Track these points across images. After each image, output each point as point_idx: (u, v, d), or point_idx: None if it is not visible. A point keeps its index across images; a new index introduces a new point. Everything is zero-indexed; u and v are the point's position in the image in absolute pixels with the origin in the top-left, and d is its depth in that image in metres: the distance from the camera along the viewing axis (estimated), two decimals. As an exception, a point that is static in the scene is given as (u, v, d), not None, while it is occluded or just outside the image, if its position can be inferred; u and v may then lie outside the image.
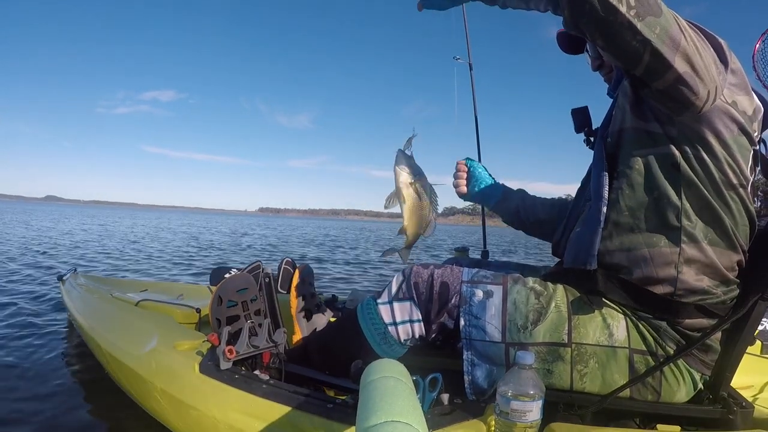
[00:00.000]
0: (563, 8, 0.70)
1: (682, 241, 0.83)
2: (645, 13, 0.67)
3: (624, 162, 0.88)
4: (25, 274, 3.97)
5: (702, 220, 0.83)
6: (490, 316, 0.90)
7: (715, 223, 0.83)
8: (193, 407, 1.01)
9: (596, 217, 0.88)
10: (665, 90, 0.75)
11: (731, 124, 0.80)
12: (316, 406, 0.90)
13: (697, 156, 0.81)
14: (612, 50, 0.73)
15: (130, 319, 1.57)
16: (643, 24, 0.67)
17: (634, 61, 0.72)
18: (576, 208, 1.07)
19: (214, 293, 1.18)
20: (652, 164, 0.84)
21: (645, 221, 0.86)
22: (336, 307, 1.61)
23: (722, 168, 0.81)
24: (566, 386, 0.87)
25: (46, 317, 2.49)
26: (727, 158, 0.81)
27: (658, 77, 0.73)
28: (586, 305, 0.88)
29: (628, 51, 0.71)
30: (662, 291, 0.85)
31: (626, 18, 0.66)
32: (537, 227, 1.27)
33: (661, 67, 0.71)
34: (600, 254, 0.87)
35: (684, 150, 0.82)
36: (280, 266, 1.45)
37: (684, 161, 0.82)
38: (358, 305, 1.04)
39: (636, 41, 0.69)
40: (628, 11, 0.66)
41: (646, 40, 0.68)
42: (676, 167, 0.82)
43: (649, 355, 0.86)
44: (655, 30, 0.68)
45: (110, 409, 1.43)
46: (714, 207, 0.82)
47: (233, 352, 1.06)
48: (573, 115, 1.11)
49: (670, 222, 0.84)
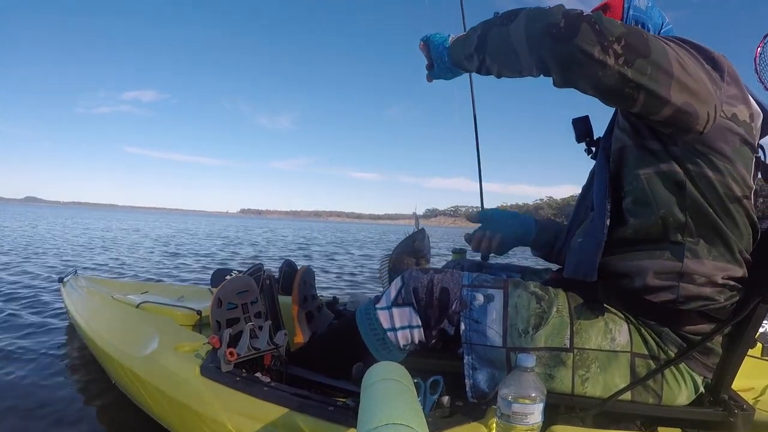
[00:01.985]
0: (553, 71, 0.73)
1: (685, 256, 0.83)
2: (633, 58, 0.68)
3: (628, 179, 0.87)
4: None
5: (705, 237, 0.83)
6: (491, 321, 0.89)
7: (719, 239, 0.83)
8: (193, 409, 1.01)
9: (599, 231, 0.87)
10: (665, 120, 0.75)
11: (733, 137, 0.80)
12: (318, 408, 0.90)
13: (701, 173, 0.81)
14: (606, 99, 0.75)
15: (130, 321, 1.57)
16: (632, 70, 0.68)
17: (629, 103, 0.73)
18: (578, 215, 1.07)
19: (214, 295, 1.18)
20: (656, 182, 0.84)
21: (648, 237, 0.85)
22: (337, 309, 1.61)
23: (726, 182, 0.81)
24: (567, 391, 0.87)
25: (46, 319, 2.49)
26: (731, 172, 0.81)
27: (656, 112, 0.73)
28: (588, 310, 0.88)
29: (621, 97, 0.72)
30: (663, 299, 0.85)
31: (615, 69, 0.68)
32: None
33: (657, 104, 0.71)
34: (601, 265, 0.86)
35: (687, 168, 0.81)
36: (281, 268, 1.46)
37: (688, 180, 0.81)
38: (357, 310, 1.04)
39: (628, 87, 0.70)
40: (615, 62, 0.67)
41: (639, 84, 0.69)
42: (681, 186, 0.82)
43: (651, 359, 0.86)
44: (646, 72, 0.68)
45: (111, 411, 1.43)
46: (718, 224, 0.82)
47: (234, 354, 1.06)
48: (574, 124, 1.10)
49: (673, 238, 0.84)
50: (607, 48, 0.67)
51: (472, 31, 0.88)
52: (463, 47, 0.90)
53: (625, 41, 0.68)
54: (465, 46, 0.89)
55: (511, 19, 0.77)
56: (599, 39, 0.67)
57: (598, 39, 0.67)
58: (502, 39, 0.79)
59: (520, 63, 0.78)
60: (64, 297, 2.17)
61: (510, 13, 0.79)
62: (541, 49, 0.72)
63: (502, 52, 0.81)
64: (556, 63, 0.72)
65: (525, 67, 0.78)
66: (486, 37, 0.83)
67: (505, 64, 0.82)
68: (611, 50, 0.67)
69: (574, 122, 1.10)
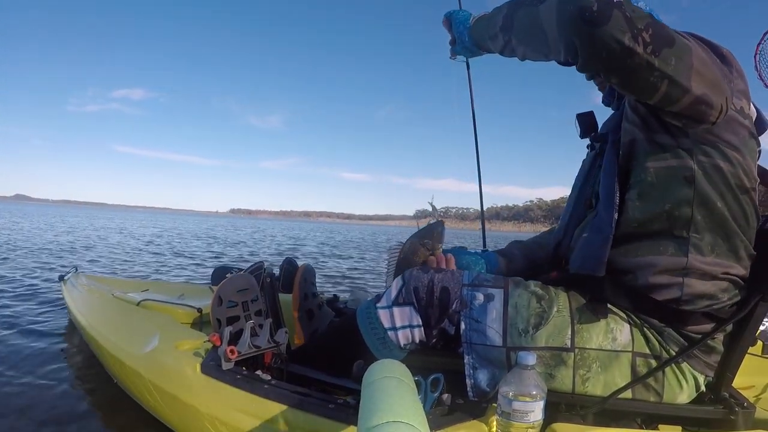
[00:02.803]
0: (581, 56, 0.71)
1: (690, 252, 0.83)
2: (660, 47, 0.67)
3: (637, 173, 0.87)
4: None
5: (710, 233, 0.83)
6: (491, 320, 0.89)
7: (724, 235, 0.83)
8: (194, 407, 1.01)
9: (607, 225, 0.87)
10: (681, 111, 0.75)
11: (742, 129, 0.81)
12: (318, 406, 0.90)
13: (713, 164, 0.81)
14: (627, 87, 0.74)
15: (131, 318, 1.58)
16: (659, 59, 0.67)
17: (649, 93, 0.73)
18: (575, 211, 1.06)
19: (215, 293, 1.18)
20: (665, 177, 0.83)
21: (652, 231, 0.85)
22: (337, 307, 1.61)
23: (737, 173, 0.81)
24: (568, 390, 0.87)
25: (46, 317, 2.49)
26: (742, 163, 0.81)
27: (675, 102, 0.73)
28: (589, 309, 0.87)
29: (644, 86, 0.71)
30: (668, 296, 0.84)
31: (644, 58, 0.67)
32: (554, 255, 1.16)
33: (678, 93, 0.71)
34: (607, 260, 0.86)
35: (699, 160, 0.81)
36: (282, 266, 1.46)
37: (699, 173, 0.81)
38: (357, 308, 1.04)
39: (653, 77, 0.69)
40: (644, 50, 0.67)
41: (664, 74, 0.68)
42: (690, 180, 0.81)
43: (653, 359, 0.86)
44: (671, 62, 0.68)
45: (111, 409, 1.43)
46: (725, 219, 0.82)
47: (235, 352, 1.06)
48: (578, 119, 1.09)
49: (678, 233, 0.83)
50: (637, 36, 0.66)
51: (496, 10, 0.86)
52: (487, 27, 0.88)
53: (653, 30, 0.67)
54: (489, 26, 0.88)
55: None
56: (629, 26, 0.66)
57: (629, 26, 0.66)
58: (531, 20, 0.77)
59: (549, 45, 0.76)
60: (65, 295, 2.17)
61: None
62: (572, 32, 0.70)
63: (530, 33, 0.79)
64: (586, 47, 0.70)
65: (553, 50, 0.76)
66: (513, 18, 0.81)
67: (532, 46, 0.80)
68: (640, 38, 0.66)
69: (579, 117, 1.09)
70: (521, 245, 1.23)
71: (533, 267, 1.19)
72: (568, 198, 1.15)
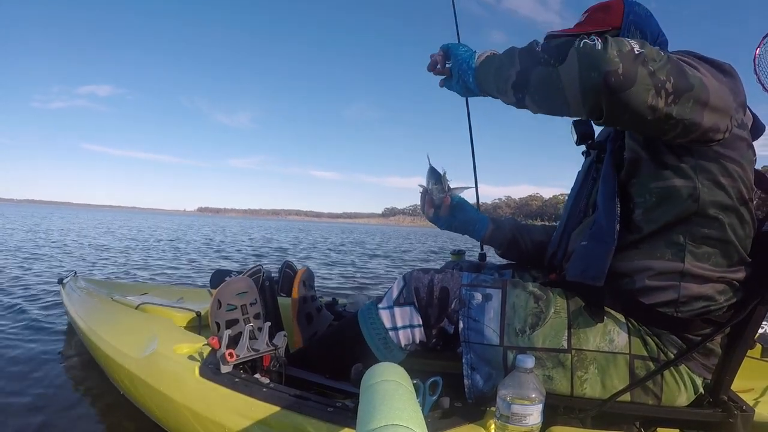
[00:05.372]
0: (605, 117, 0.69)
1: (686, 257, 0.83)
2: (680, 94, 0.66)
3: (639, 192, 0.86)
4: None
5: (708, 241, 0.83)
6: (488, 319, 0.90)
7: (723, 245, 0.83)
8: (192, 410, 1.01)
9: (609, 236, 0.86)
10: (689, 140, 0.74)
11: (741, 143, 0.81)
12: (317, 409, 0.90)
13: (715, 180, 0.81)
14: (640, 132, 0.75)
15: (130, 322, 1.57)
16: (678, 107, 0.66)
17: (661, 135, 0.72)
18: (572, 218, 1.06)
19: (214, 297, 1.18)
20: (667, 195, 0.83)
21: (652, 239, 0.86)
22: (336, 311, 1.61)
23: (737, 186, 0.81)
24: (566, 392, 0.87)
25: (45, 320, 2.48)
26: (742, 176, 0.81)
27: (684, 137, 0.72)
28: (587, 311, 0.88)
29: (657, 131, 0.71)
30: (665, 299, 0.85)
31: (664, 111, 0.66)
32: (535, 250, 1.21)
33: (690, 131, 0.71)
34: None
35: (701, 177, 0.81)
36: (281, 269, 1.46)
37: (701, 191, 0.81)
38: (359, 310, 1.05)
39: (668, 124, 0.69)
40: (665, 103, 0.65)
41: (680, 120, 0.68)
42: (693, 198, 0.81)
43: (651, 361, 0.86)
44: (688, 107, 0.67)
45: (109, 412, 1.42)
46: (724, 229, 0.82)
47: (234, 355, 1.06)
48: (575, 126, 1.08)
49: (677, 242, 0.84)
50: (660, 89, 0.65)
51: (506, 59, 0.80)
52: (496, 79, 0.82)
53: (674, 79, 0.65)
54: (498, 77, 0.81)
55: (559, 58, 0.70)
56: (654, 82, 0.64)
57: (653, 82, 0.64)
58: (551, 82, 0.72)
59: (569, 107, 0.72)
60: (64, 298, 2.16)
61: (555, 49, 0.72)
62: (597, 98, 0.67)
63: (548, 96, 0.74)
64: (611, 110, 0.68)
65: (574, 111, 0.73)
66: (528, 76, 0.75)
67: (549, 107, 0.76)
68: (663, 91, 0.65)
69: (575, 124, 1.08)
70: (515, 225, 1.24)
71: (513, 248, 1.22)
72: (563, 206, 1.16)
